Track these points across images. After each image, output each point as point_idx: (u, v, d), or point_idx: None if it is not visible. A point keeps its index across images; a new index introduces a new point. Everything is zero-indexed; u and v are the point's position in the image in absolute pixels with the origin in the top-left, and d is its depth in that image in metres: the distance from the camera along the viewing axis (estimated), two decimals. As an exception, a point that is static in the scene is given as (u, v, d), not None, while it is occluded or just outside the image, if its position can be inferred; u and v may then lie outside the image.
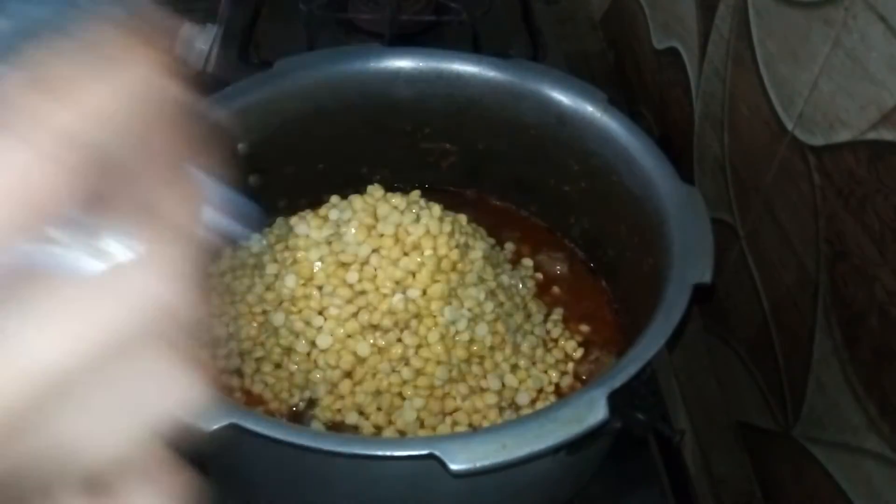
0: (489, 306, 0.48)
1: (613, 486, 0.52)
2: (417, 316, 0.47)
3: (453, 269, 0.48)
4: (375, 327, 0.47)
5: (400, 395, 0.46)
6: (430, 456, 0.35)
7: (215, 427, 0.36)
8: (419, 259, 0.48)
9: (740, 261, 0.58)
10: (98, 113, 0.15)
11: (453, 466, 0.35)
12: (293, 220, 0.53)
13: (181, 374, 0.18)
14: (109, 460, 0.17)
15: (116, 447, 0.17)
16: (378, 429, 0.46)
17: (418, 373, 0.46)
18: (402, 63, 0.56)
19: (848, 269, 0.45)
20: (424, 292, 0.47)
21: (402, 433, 0.46)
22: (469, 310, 0.48)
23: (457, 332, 0.47)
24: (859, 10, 0.42)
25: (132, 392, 0.17)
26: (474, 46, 0.75)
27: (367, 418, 0.46)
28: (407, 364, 0.46)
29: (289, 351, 0.48)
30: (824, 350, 0.47)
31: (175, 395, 0.18)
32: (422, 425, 0.46)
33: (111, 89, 0.15)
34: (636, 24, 0.78)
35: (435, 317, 0.47)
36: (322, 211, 0.52)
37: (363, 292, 0.48)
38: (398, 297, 0.47)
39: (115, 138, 0.15)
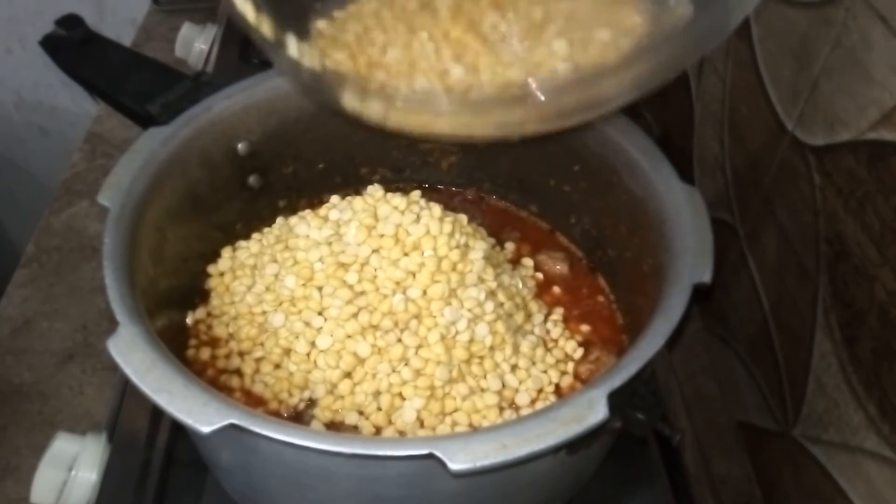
0: (489, 306, 0.48)
1: (613, 486, 0.52)
2: (417, 316, 0.47)
3: (453, 269, 0.48)
4: (375, 328, 0.47)
5: (400, 395, 0.46)
6: (430, 456, 0.35)
7: (215, 427, 0.36)
8: (419, 259, 0.48)
9: (740, 261, 0.58)
10: None
11: (453, 466, 0.35)
12: (293, 220, 0.53)
13: None
14: None
15: None
16: (378, 429, 0.46)
17: (418, 373, 0.46)
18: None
19: (848, 269, 0.45)
20: (424, 293, 0.47)
21: (402, 433, 0.46)
22: (469, 310, 0.48)
23: (457, 333, 0.47)
24: (859, 10, 0.42)
25: None
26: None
27: (367, 418, 0.46)
28: (407, 364, 0.46)
29: (288, 351, 0.48)
30: (824, 350, 0.47)
31: None
32: (422, 425, 0.46)
33: None
34: (636, 24, 0.78)
35: (435, 317, 0.47)
36: (322, 211, 0.52)
37: (363, 293, 0.48)
38: (398, 297, 0.47)
39: None
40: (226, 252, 0.55)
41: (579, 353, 0.52)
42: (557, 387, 0.50)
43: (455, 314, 0.47)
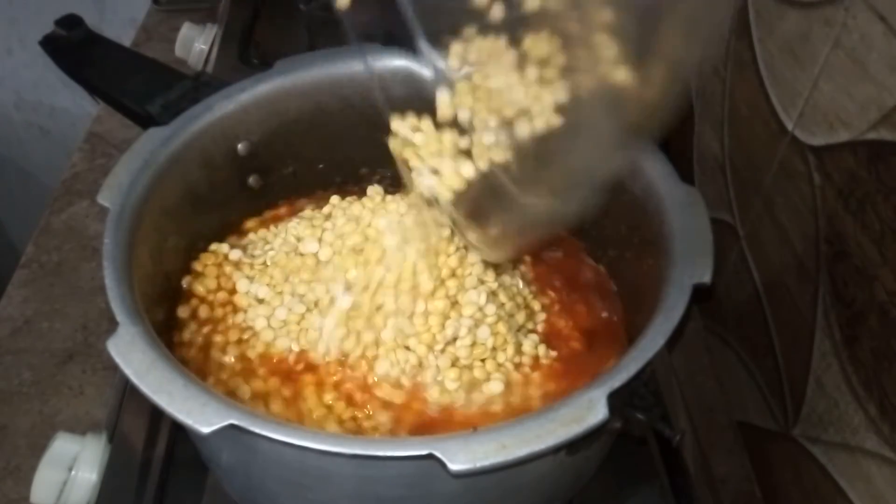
0: (490, 308, 0.48)
1: (613, 486, 0.52)
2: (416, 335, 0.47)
3: (452, 275, 0.48)
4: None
5: (400, 395, 0.46)
6: (430, 456, 0.35)
7: (215, 427, 0.36)
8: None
9: (740, 261, 0.58)
10: None
11: (453, 466, 0.35)
12: (293, 220, 0.53)
13: None
14: None
15: None
16: (377, 429, 0.46)
17: (418, 373, 0.46)
18: (402, 62, 0.56)
19: (848, 269, 0.45)
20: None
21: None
22: (470, 316, 0.47)
23: (457, 339, 0.47)
24: (859, 10, 0.42)
25: None
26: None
27: (366, 418, 0.46)
28: (407, 364, 0.46)
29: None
30: (824, 350, 0.47)
31: None
32: (422, 425, 0.46)
33: None
34: (636, 24, 0.78)
35: (434, 334, 0.47)
36: (325, 209, 0.52)
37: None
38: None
39: None
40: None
41: (580, 352, 0.52)
42: (558, 386, 0.50)
43: (456, 328, 0.47)
